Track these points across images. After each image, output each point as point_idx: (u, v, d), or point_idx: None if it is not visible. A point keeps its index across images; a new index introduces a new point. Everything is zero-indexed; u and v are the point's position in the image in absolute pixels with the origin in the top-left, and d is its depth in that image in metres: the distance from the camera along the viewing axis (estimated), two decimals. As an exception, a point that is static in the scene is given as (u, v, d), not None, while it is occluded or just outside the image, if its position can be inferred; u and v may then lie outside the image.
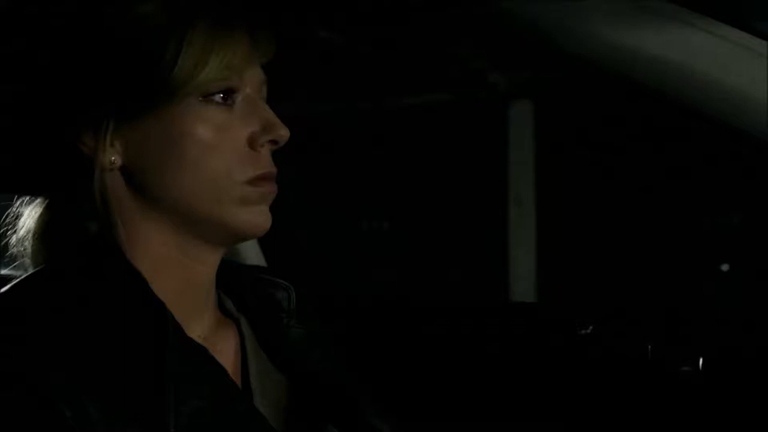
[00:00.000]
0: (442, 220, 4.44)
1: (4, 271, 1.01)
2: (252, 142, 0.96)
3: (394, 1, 1.02)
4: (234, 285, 1.07)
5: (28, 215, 0.99)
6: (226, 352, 1.01)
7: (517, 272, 4.45)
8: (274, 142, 0.97)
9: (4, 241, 1.01)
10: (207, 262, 0.99)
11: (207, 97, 0.93)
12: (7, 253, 0.99)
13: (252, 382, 1.02)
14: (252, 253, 1.73)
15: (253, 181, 0.95)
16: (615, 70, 0.94)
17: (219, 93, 0.94)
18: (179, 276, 0.97)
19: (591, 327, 1.35)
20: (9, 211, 1.00)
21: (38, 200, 0.99)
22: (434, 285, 4.24)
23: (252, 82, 0.97)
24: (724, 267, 4.01)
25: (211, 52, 0.93)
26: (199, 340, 0.95)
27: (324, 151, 4.00)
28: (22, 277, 0.94)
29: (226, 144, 0.94)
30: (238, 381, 0.99)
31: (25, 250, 0.99)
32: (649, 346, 1.30)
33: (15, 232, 1.00)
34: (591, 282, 3.92)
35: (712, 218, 4.10)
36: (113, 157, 0.93)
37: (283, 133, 0.96)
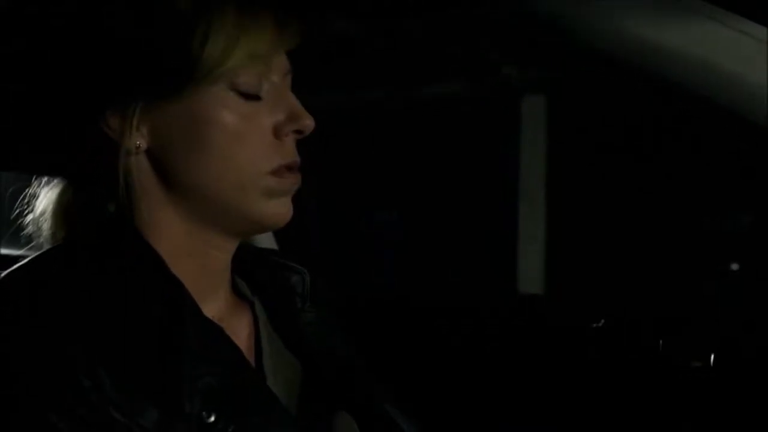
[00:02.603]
0: (451, 213, 4.43)
1: (21, 251, 1.01)
2: (277, 131, 0.95)
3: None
4: (248, 267, 1.08)
5: (45, 196, 1.00)
6: (239, 332, 1.01)
7: (526, 267, 4.45)
8: (299, 131, 0.96)
9: (19, 221, 1.01)
10: (225, 249, 0.99)
11: (234, 83, 0.93)
12: (23, 233, 0.99)
13: (265, 363, 1.02)
14: (263, 236, 1.74)
15: (278, 171, 0.95)
16: (636, 65, 0.93)
17: (245, 80, 0.93)
18: (196, 260, 0.97)
19: (602, 321, 1.35)
20: (26, 191, 1.01)
21: (56, 181, 0.99)
22: (443, 279, 4.24)
23: (278, 69, 0.97)
24: (734, 266, 4.00)
25: (239, 39, 0.92)
26: (213, 319, 0.96)
27: (335, 141, 4.00)
28: (40, 252, 0.95)
29: (251, 132, 0.94)
30: (251, 362, 0.99)
31: (41, 230, 0.99)
32: (660, 341, 1.30)
33: (31, 212, 1.00)
34: (599, 278, 3.91)
35: (722, 217, 4.09)
36: (139, 141, 0.93)
37: (309, 122, 0.96)
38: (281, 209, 0.97)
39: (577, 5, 0.94)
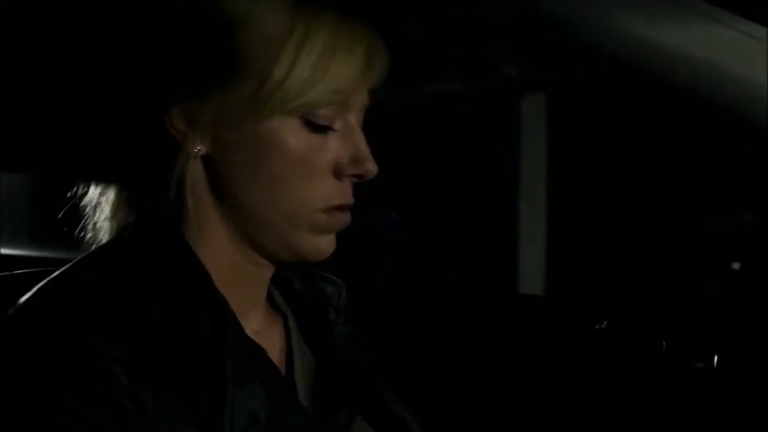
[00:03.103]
0: (451, 213, 4.43)
1: (21, 252, 1.01)
2: (338, 171, 0.94)
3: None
4: (285, 276, 1.07)
5: (92, 196, 0.98)
6: (273, 346, 1.01)
7: (527, 267, 4.44)
8: (359, 176, 0.95)
9: (19, 221, 1.01)
10: (267, 266, 0.99)
11: (308, 114, 0.91)
12: (75, 236, 0.99)
13: (296, 378, 1.02)
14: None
15: (330, 210, 0.94)
16: (636, 65, 0.93)
17: (321, 113, 0.91)
18: (238, 274, 0.96)
19: (605, 322, 1.35)
20: (75, 190, 1.00)
21: (106, 183, 0.98)
22: (443, 279, 4.24)
23: (355, 107, 0.95)
24: (735, 265, 4.00)
25: (325, 73, 0.89)
26: (251, 334, 0.94)
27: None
28: (83, 256, 0.94)
29: (313, 167, 0.92)
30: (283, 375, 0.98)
31: (88, 232, 0.99)
32: (663, 342, 1.30)
33: (81, 213, 0.99)
34: (600, 277, 3.91)
35: (722, 216, 4.09)
36: (199, 146, 0.92)
37: (372, 168, 0.95)
38: (324, 245, 0.97)
39: (578, 5, 0.94)
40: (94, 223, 1.00)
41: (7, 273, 1.19)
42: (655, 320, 1.34)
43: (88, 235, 1.01)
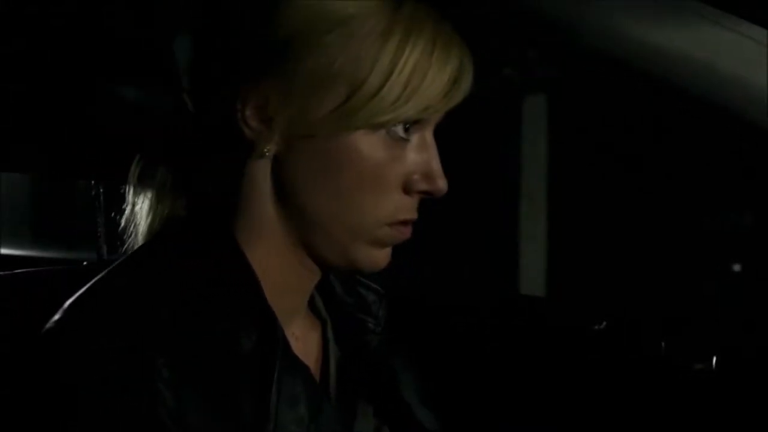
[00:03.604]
0: (452, 213, 4.43)
1: (22, 252, 1.00)
2: (407, 186, 0.90)
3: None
4: (329, 281, 1.04)
5: (141, 192, 0.94)
6: (310, 353, 0.98)
7: (527, 266, 4.44)
8: (428, 192, 0.91)
9: (19, 221, 1.00)
10: (316, 272, 0.95)
11: (391, 130, 0.87)
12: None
13: (330, 386, 1.00)
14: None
15: (394, 225, 0.91)
16: (637, 67, 0.93)
17: (402, 125, 0.87)
18: (289, 279, 0.93)
19: (604, 323, 1.35)
20: (123, 188, 0.95)
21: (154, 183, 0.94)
22: (443, 278, 4.24)
23: (433, 123, 0.91)
24: (736, 267, 4.00)
25: (417, 90, 0.85)
26: (292, 339, 0.91)
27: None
28: (129, 255, 0.90)
29: (386, 182, 0.88)
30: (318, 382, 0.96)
31: (136, 228, 0.94)
32: (663, 343, 1.30)
33: (126, 210, 0.95)
34: (601, 277, 3.91)
35: (724, 216, 4.08)
36: (270, 147, 0.87)
37: (443, 187, 0.91)
38: (381, 258, 0.93)
39: (578, 6, 0.94)
40: (129, 218, 0.95)
41: (7, 272, 1.19)
42: (654, 321, 1.34)
43: (120, 229, 0.95)
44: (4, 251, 1.92)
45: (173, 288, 0.84)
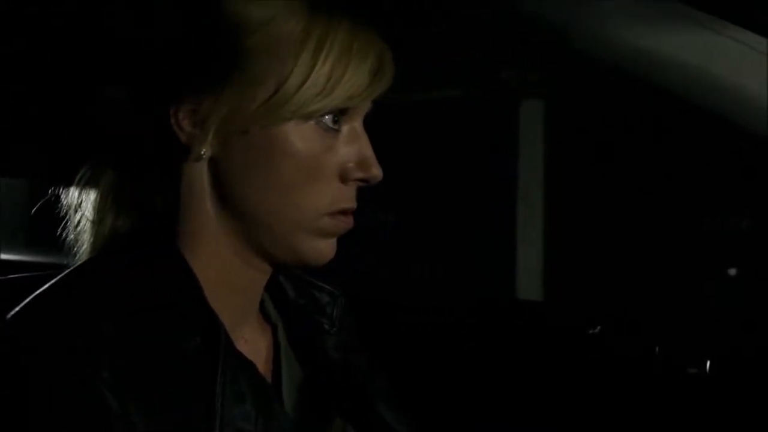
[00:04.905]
0: (449, 216, 4.43)
1: (21, 256, 1.00)
2: (344, 176, 0.93)
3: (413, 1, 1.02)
4: (277, 283, 1.05)
5: (82, 199, 0.95)
6: (261, 357, 0.99)
7: (524, 269, 4.44)
8: (364, 180, 0.94)
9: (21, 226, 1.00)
10: (264, 271, 0.97)
11: (320, 120, 0.90)
12: (61, 240, 0.96)
13: (284, 390, 1.00)
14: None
15: (335, 214, 0.93)
16: (631, 71, 0.93)
17: (332, 119, 0.90)
18: (235, 281, 0.94)
19: (599, 327, 1.35)
20: (53, 191, 0.96)
21: (94, 186, 0.95)
22: (440, 280, 4.24)
23: (361, 113, 0.94)
24: (732, 271, 4.00)
25: (341, 79, 0.88)
26: (241, 344, 0.93)
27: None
28: (75, 266, 0.92)
29: (322, 172, 0.91)
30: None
31: (79, 234, 0.95)
32: (657, 347, 1.30)
33: (67, 217, 0.96)
34: (597, 280, 3.91)
35: (720, 219, 4.09)
36: (206, 149, 0.89)
37: (377, 173, 0.94)
38: (327, 249, 0.95)
39: (577, 13, 0.94)
40: (75, 226, 0.96)
41: (3, 278, 1.19)
42: (649, 325, 1.34)
43: (69, 238, 0.97)
44: (5, 256, 1.92)
45: (115, 296, 0.85)
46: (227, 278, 0.93)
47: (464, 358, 1.45)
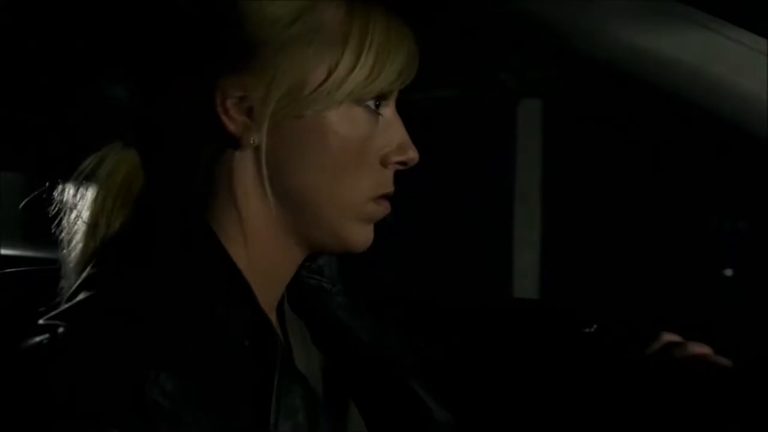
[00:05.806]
0: (447, 217, 4.44)
1: (21, 252, 0.99)
2: (384, 159, 0.94)
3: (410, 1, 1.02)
4: None
5: (68, 194, 0.91)
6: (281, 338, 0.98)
7: (522, 269, 4.45)
8: (403, 163, 0.95)
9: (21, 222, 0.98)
10: (297, 259, 0.96)
11: (367, 104, 0.91)
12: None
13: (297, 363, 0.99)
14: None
15: (378, 199, 0.93)
16: (628, 71, 0.93)
17: (374, 100, 0.91)
18: (271, 270, 0.93)
19: (594, 326, 1.35)
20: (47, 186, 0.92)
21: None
22: (438, 281, 4.25)
23: (394, 98, 0.95)
24: (728, 272, 4.01)
25: (385, 65, 0.90)
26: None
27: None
28: (110, 263, 0.87)
29: (367, 156, 0.92)
30: None
31: (63, 230, 0.92)
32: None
33: (66, 214, 0.92)
34: (595, 280, 3.92)
35: (718, 221, 4.10)
36: (255, 136, 0.87)
37: (415, 156, 0.95)
38: (368, 234, 0.95)
39: (575, 12, 0.94)
40: (70, 222, 0.92)
41: (3, 271, 1.19)
42: (645, 325, 1.34)
43: (62, 234, 0.93)
44: (5, 252, 1.92)
45: (163, 299, 0.82)
46: (266, 268, 0.91)
47: (458, 356, 1.45)
